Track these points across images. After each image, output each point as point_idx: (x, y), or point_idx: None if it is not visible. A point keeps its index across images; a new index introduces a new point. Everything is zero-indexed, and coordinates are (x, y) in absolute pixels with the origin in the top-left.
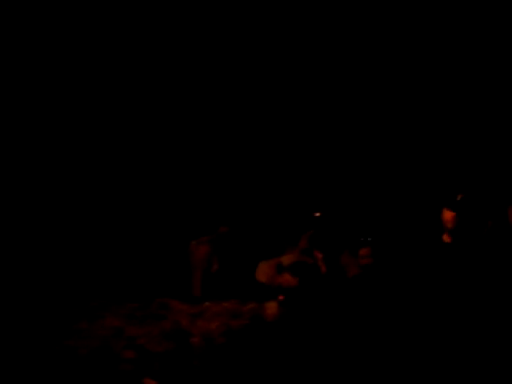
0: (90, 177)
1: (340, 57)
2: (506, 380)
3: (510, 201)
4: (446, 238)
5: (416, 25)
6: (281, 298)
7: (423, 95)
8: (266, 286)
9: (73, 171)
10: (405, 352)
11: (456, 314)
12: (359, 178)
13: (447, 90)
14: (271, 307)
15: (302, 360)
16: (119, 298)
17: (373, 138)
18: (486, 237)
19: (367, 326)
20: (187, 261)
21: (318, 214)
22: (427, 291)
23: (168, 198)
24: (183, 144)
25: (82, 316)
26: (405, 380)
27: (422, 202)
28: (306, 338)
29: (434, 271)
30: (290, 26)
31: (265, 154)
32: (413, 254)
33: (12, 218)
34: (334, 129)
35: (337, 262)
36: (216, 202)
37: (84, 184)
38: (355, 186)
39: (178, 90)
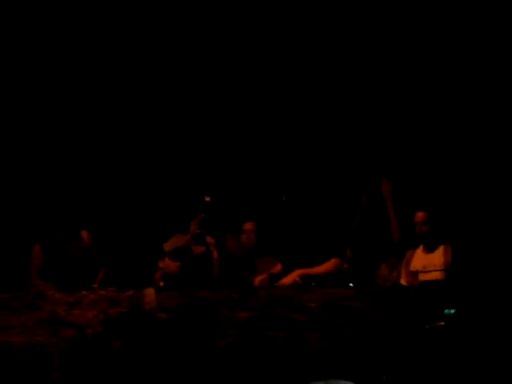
0: None
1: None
2: None
3: (382, 173)
4: None
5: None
6: (161, 284)
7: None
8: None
9: None
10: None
11: None
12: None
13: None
14: (149, 294)
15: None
16: None
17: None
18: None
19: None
20: None
21: (208, 199)
22: None
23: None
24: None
25: None
26: None
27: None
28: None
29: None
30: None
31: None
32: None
33: None
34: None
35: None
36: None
37: None
38: (244, 170)
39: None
